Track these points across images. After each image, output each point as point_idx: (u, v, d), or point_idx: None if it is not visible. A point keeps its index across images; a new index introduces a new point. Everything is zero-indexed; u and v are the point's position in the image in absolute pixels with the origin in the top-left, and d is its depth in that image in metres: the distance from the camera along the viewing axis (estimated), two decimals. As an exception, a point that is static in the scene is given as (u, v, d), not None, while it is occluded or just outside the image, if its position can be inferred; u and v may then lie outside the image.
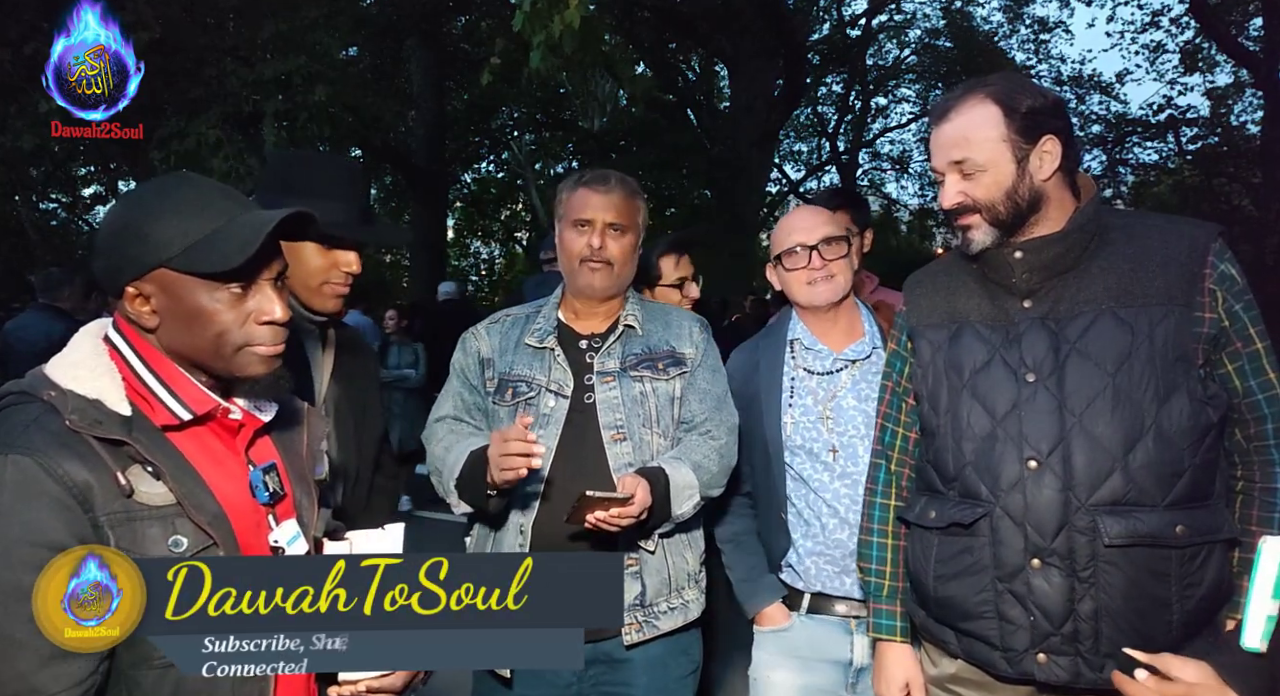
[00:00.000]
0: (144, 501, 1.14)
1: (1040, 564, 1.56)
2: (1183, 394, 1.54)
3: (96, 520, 1.10)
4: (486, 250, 27.29)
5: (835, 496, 2.06)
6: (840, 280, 2.12)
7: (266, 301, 1.24)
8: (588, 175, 2.10)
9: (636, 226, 2.08)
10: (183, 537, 1.16)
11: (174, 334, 1.22)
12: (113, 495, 1.12)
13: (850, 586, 2.05)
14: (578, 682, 1.97)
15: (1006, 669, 1.61)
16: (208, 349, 1.22)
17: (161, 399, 1.22)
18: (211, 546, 1.18)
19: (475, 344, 2.10)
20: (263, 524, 1.28)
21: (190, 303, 1.20)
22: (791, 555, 2.12)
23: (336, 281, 1.78)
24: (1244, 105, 16.61)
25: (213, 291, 1.20)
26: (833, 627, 2.08)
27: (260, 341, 1.24)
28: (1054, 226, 1.63)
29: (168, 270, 1.18)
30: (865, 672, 2.05)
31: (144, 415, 1.20)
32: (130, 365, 1.22)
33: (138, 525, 1.13)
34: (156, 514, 1.15)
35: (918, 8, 20.22)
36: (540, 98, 16.57)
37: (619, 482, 1.82)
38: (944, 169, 1.66)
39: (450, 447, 1.98)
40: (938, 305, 1.77)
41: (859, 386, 2.11)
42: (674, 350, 2.07)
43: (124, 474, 1.13)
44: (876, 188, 23.98)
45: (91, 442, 1.13)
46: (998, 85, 1.63)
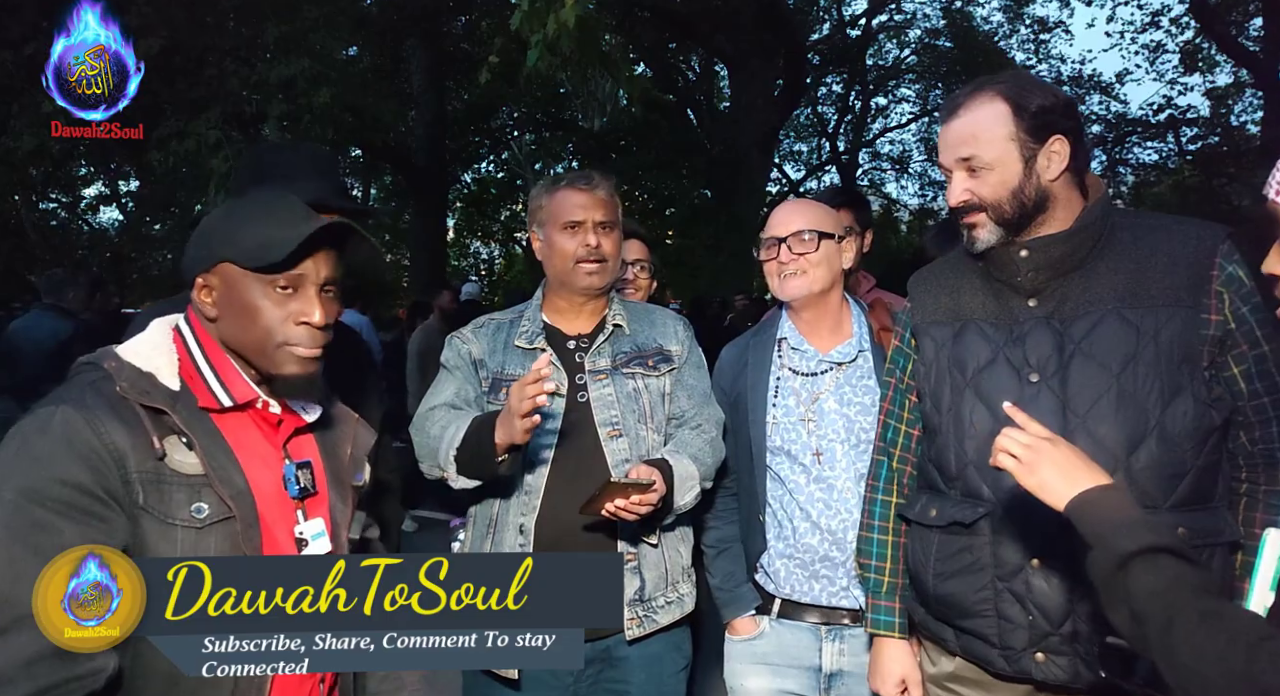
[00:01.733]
0: (175, 468, 1.24)
1: (1040, 563, 1.56)
2: (1187, 396, 1.53)
3: (129, 477, 1.20)
4: (486, 250, 27.29)
5: (809, 499, 2.03)
6: (812, 275, 2.05)
7: (308, 304, 1.33)
8: (566, 176, 2.10)
9: (620, 222, 2.12)
10: (205, 505, 1.25)
11: (230, 326, 1.34)
12: (146, 456, 1.22)
13: (819, 593, 2.03)
14: (575, 682, 1.97)
15: (1005, 667, 1.61)
16: (254, 343, 1.33)
17: (208, 382, 1.33)
18: (230, 519, 1.26)
19: (465, 346, 2.09)
20: (291, 516, 1.37)
21: (243, 297, 1.32)
22: (764, 557, 2.10)
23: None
24: (1244, 105, 16.63)
25: (263, 288, 1.31)
26: (803, 633, 2.06)
27: (297, 341, 1.33)
28: (1061, 226, 1.62)
29: (230, 265, 1.31)
30: (836, 678, 2.04)
31: (191, 393, 1.31)
32: (189, 348, 1.35)
33: (166, 488, 1.23)
34: (186, 481, 1.25)
35: (918, 8, 20.24)
36: (540, 98, 16.56)
37: (633, 472, 1.82)
38: (951, 166, 1.65)
39: (448, 425, 1.93)
40: (942, 303, 1.76)
41: (842, 390, 2.08)
42: (661, 347, 2.10)
43: (161, 441, 1.24)
44: (876, 188, 23.98)
45: (137, 409, 1.24)
46: (1009, 83, 1.62)
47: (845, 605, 2.02)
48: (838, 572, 2.01)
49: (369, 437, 1.58)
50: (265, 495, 1.33)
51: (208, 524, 1.25)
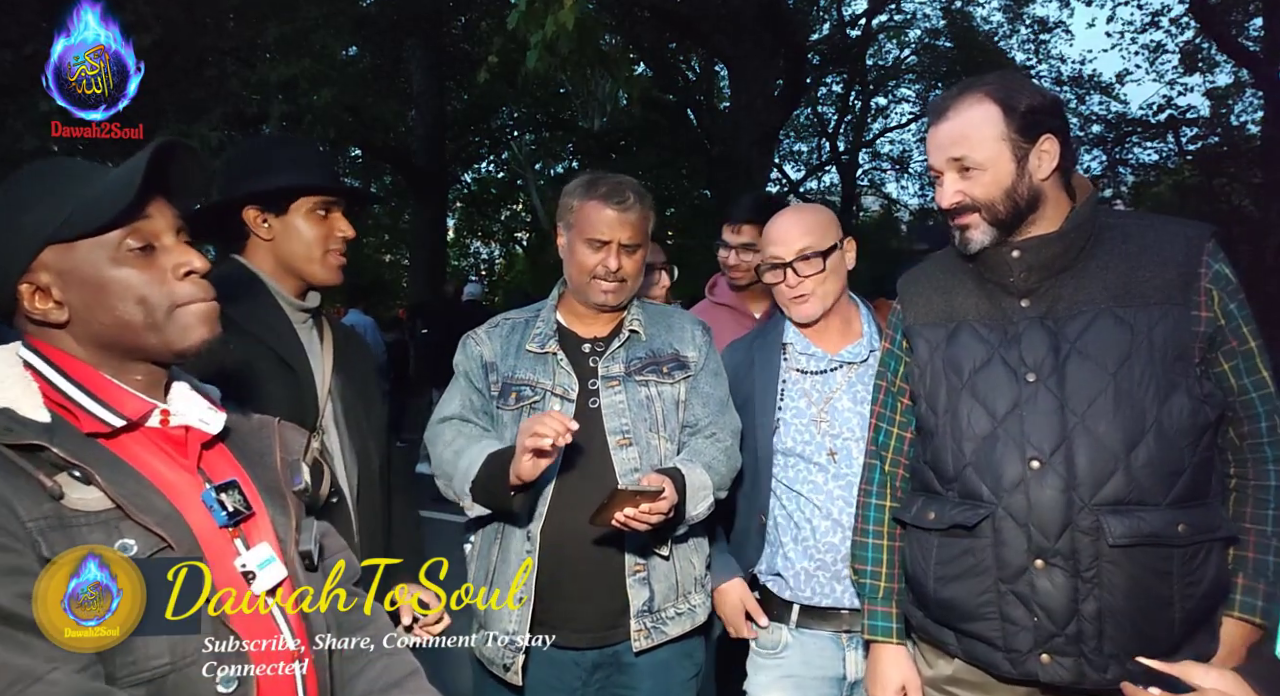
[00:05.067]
0: (78, 507, 1.03)
1: (1044, 564, 1.56)
2: (1182, 392, 1.54)
3: (23, 527, 0.99)
4: (486, 250, 27.28)
5: (829, 498, 2.01)
6: (822, 293, 2.06)
7: (179, 254, 1.13)
8: (603, 187, 1.99)
9: (648, 237, 2.06)
10: (130, 541, 1.04)
11: (91, 320, 1.10)
12: (37, 500, 1.01)
13: (841, 594, 2.01)
14: (583, 686, 1.96)
15: (1009, 670, 1.60)
16: (138, 322, 1.11)
17: (84, 406, 1.10)
18: (165, 549, 1.06)
19: (477, 348, 2.06)
20: (229, 547, 1.15)
21: (93, 274, 1.08)
22: (780, 562, 2.07)
23: (336, 249, 1.80)
24: (1244, 105, 16.61)
25: (112, 254, 1.09)
26: (825, 643, 2.04)
27: (190, 297, 1.13)
28: (1050, 226, 1.63)
29: (54, 248, 1.08)
30: (858, 687, 2.03)
31: (68, 423, 1.09)
32: (45, 377, 1.10)
33: (73, 531, 1.02)
34: (96, 519, 1.04)
35: (918, 8, 20.21)
36: (540, 98, 16.57)
37: (643, 480, 1.78)
38: (942, 167, 1.65)
39: (461, 451, 1.93)
40: (934, 304, 1.76)
41: (854, 388, 2.07)
42: (678, 353, 2.05)
43: (50, 479, 1.03)
44: (876, 188, 24.00)
45: (4, 452, 1.02)
46: (996, 84, 1.62)
47: None
48: None
49: (299, 439, 1.42)
50: (195, 528, 1.11)
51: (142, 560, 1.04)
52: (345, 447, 1.83)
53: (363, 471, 1.85)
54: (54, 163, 1.15)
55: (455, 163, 17.70)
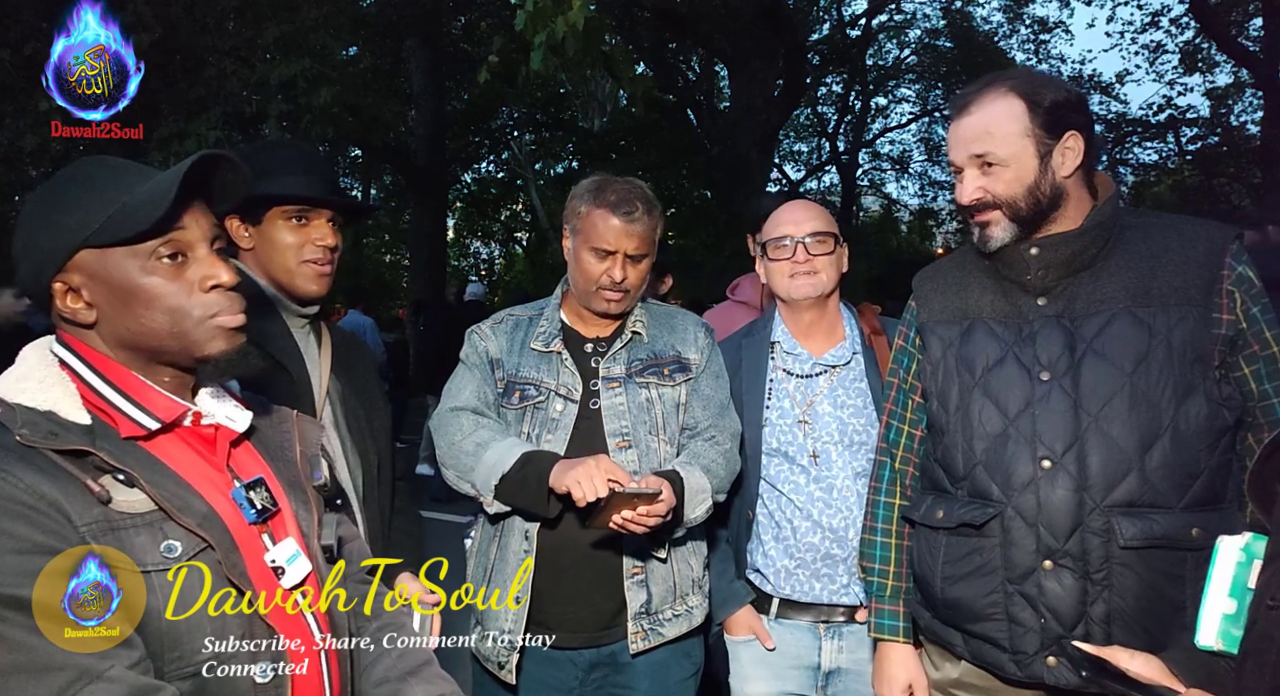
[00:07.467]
0: (124, 509, 1.05)
1: (1052, 565, 1.53)
2: (1200, 395, 1.51)
3: (77, 530, 1.01)
4: (486, 250, 27.30)
5: (810, 500, 2.02)
6: (823, 277, 2.07)
7: (209, 266, 1.14)
8: (612, 194, 1.94)
9: (655, 245, 2.03)
10: (175, 542, 1.07)
11: (118, 323, 1.11)
12: (87, 505, 1.02)
13: (820, 591, 2.02)
14: (580, 686, 1.95)
15: (1016, 672, 1.58)
16: (164, 330, 1.12)
17: (122, 409, 1.11)
18: (206, 549, 1.09)
19: (483, 343, 2.04)
20: (257, 543, 1.17)
21: (123, 281, 1.10)
22: (760, 559, 2.08)
23: (313, 258, 1.75)
24: (1244, 105, 16.64)
25: (144, 263, 1.10)
26: (802, 633, 2.05)
27: (217, 309, 1.14)
28: (1071, 224, 1.60)
29: (89, 251, 1.09)
30: (835, 676, 2.04)
31: (107, 426, 1.10)
32: (82, 377, 1.12)
33: (123, 534, 1.04)
34: (142, 521, 1.06)
35: (918, 8, 20.25)
36: (540, 98, 16.59)
37: (642, 481, 1.76)
38: (963, 163, 1.62)
39: (485, 444, 1.87)
40: (949, 301, 1.74)
41: (835, 392, 2.08)
42: (679, 355, 2.04)
43: (96, 482, 1.04)
44: (876, 188, 24.01)
45: (51, 456, 1.03)
46: (1021, 79, 1.60)
47: (845, 602, 2.01)
48: (838, 570, 2.00)
49: (316, 432, 1.43)
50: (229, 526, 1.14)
51: (185, 560, 1.07)
52: (347, 450, 1.82)
53: (366, 474, 1.85)
54: (99, 162, 1.16)
55: (455, 163, 17.72)
